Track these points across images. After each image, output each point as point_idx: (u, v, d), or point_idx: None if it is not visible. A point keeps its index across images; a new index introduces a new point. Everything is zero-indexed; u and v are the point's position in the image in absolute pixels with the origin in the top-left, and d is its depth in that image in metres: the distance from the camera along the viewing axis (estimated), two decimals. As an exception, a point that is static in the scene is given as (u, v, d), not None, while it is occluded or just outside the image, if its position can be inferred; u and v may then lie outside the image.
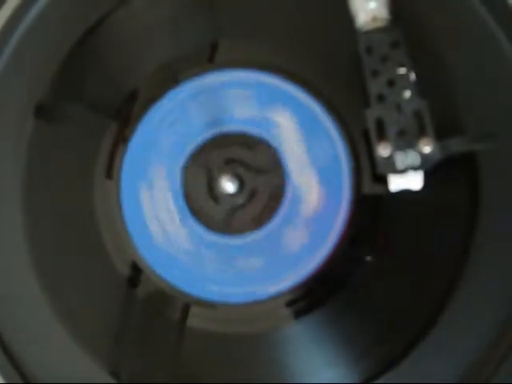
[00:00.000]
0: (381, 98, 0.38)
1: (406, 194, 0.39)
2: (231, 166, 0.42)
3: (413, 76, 0.38)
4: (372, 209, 0.41)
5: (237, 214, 0.41)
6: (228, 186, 0.41)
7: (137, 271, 0.42)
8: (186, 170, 0.42)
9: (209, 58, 0.43)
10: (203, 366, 0.41)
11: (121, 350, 0.41)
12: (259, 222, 0.41)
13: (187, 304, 0.41)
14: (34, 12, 0.44)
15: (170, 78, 0.43)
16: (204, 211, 0.42)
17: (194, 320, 0.41)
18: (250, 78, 0.43)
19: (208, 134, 0.42)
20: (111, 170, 0.43)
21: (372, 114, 0.38)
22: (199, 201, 0.42)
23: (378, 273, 0.40)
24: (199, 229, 0.42)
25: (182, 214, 0.42)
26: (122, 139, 0.43)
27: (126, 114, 0.43)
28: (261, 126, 0.42)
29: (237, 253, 0.41)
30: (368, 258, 0.40)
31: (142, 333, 0.41)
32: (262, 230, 0.41)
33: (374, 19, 0.38)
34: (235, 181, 0.41)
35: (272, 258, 0.41)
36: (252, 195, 0.42)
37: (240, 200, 0.41)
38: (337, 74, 0.42)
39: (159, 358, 0.41)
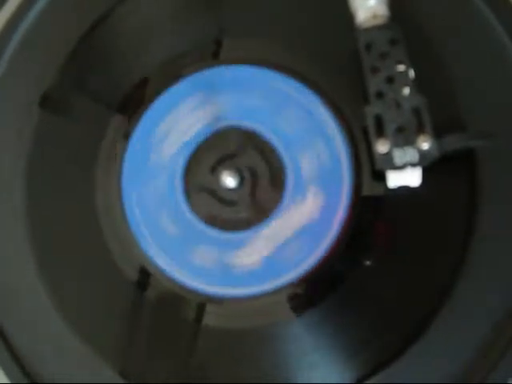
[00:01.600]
0: (380, 95, 0.38)
1: (405, 192, 0.39)
2: (234, 161, 0.42)
3: (412, 73, 0.38)
4: (371, 207, 0.41)
5: (235, 209, 0.42)
6: (229, 180, 0.42)
7: (144, 272, 0.42)
8: (188, 166, 0.42)
9: (213, 54, 0.43)
10: (215, 363, 0.41)
11: (131, 351, 0.41)
12: (261, 217, 0.42)
13: (202, 303, 0.41)
14: (41, 3, 0.44)
15: (172, 73, 0.43)
16: (207, 208, 0.42)
17: (208, 318, 0.41)
18: (251, 74, 0.43)
19: (210, 130, 0.43)
20: (113, 167, 0.43)
21: (371, 111, 0.38)
22: (201, 198, 0.42)
23: (377, 271, 0.40)
24: (203, 226, 0.42)
25: (185, 211, 0.42)
26: (124, 134, 0.43)
27: (130, 107, 0.43)
28: (261, 123, 0.42)
29: (241, 248, 0.42)
30: (367, 263, 0.40)
31: (152, 334, 0.41)
32: (265, 225, 0.41)
33: (374, 16, 0.39)
34: (236, 176, 0.42)
35: (273, 254, 0.41)
36: (251, 191, 0.42)
37: (238, 195, 0.42)
38: (338, 71, 0.42)
39: (172, 358, 0.41)
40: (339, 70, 0.42)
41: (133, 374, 0.41)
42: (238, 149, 0.42)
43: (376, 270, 0.40)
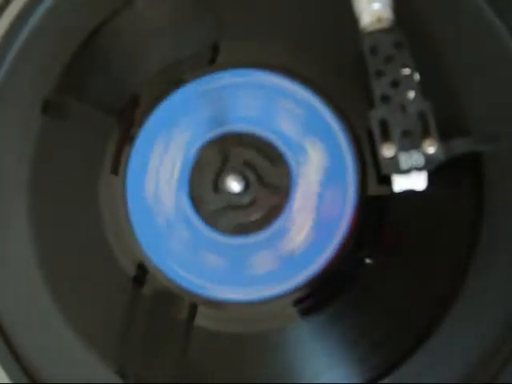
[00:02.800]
0: (385, 99, 0.38)
1: (410, 194, 0.39)
2: (238, 165, 0.42)
3: (417, 77, 0.38)
4: (377, 210, 0.41)
5: (241, 213, 0.42)
6: (234, 185, 0.42)
7: (143, 270, 0.42)
8: (193, 168, 0.42)
9: (210, 60, 0.43)
10: (209, 365, 0.41)
11: (127, 349, 0.41)
12: (264, 221, 0.42)
13: (194, 304, 0.42)
14: (40, 11, 0.44)
15: (175, 76, 0.43)
16: (210, 211, 0.42)
17: (201, 319, 0.41)
18: (254, 78, 0.43)
19: (213, 133, 0.43)
20: (117, 168, 0.43)
21: (376, 115, 0.38)
22: (205, 201, 0.42)
23: (384, 273, 0.40)
24: (205, 228, 0.42)
25: (188, 214, 0.42)
26: (127, 138, 0.43)
27: (131, 112, 0.43)
28: (264, 126, 0.42)
29: (243, 252, 0.42)
30: (368, 261, 0.40)
31: (148, 332, 0.41)
32: (268, 230, 0.41)
33: (379, 20, 0.38)
34: (241, 181, 0.42)
35: (279, 258, 0.41)
36: (257, 195, 0.42)
37: (244, 199, 0.42)
38: (342, 74, 0.42)
39: (166, 358, 0.41)
40: (341, 72, 0.42)
41: (130, 373, 0.41)
42: (226, 154, 0.42)
43: (383, 272, 0.40)
